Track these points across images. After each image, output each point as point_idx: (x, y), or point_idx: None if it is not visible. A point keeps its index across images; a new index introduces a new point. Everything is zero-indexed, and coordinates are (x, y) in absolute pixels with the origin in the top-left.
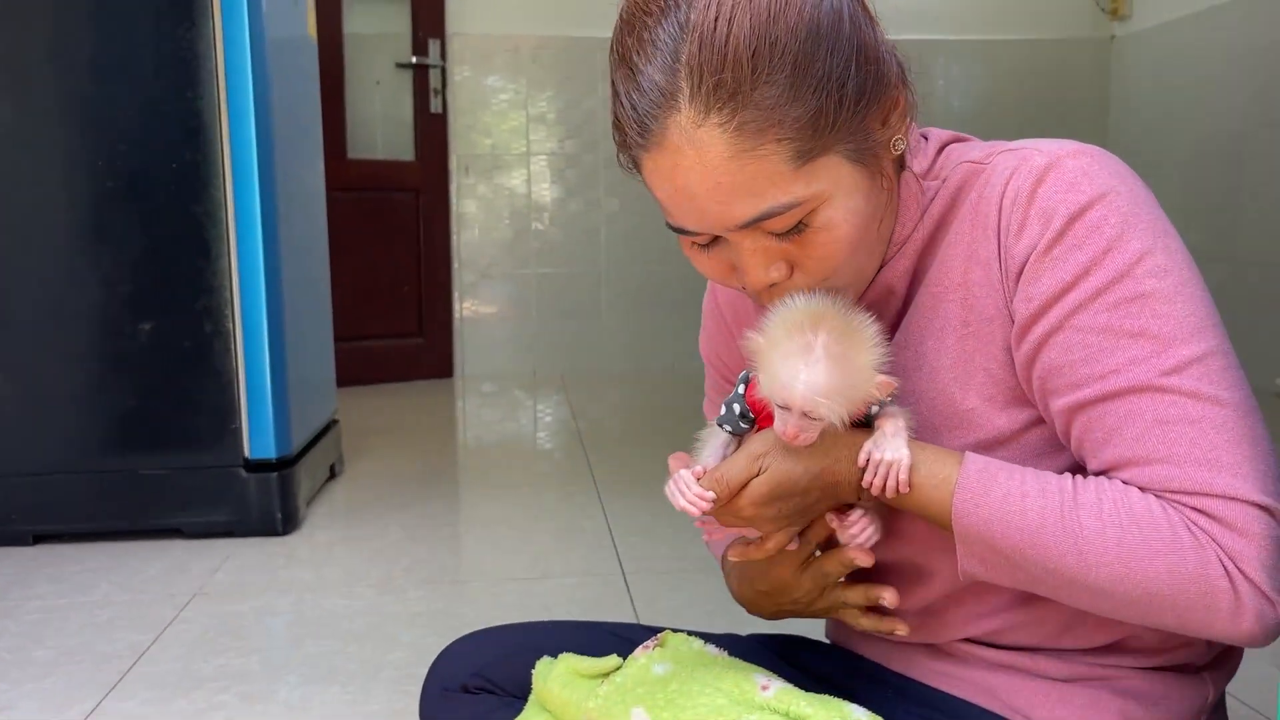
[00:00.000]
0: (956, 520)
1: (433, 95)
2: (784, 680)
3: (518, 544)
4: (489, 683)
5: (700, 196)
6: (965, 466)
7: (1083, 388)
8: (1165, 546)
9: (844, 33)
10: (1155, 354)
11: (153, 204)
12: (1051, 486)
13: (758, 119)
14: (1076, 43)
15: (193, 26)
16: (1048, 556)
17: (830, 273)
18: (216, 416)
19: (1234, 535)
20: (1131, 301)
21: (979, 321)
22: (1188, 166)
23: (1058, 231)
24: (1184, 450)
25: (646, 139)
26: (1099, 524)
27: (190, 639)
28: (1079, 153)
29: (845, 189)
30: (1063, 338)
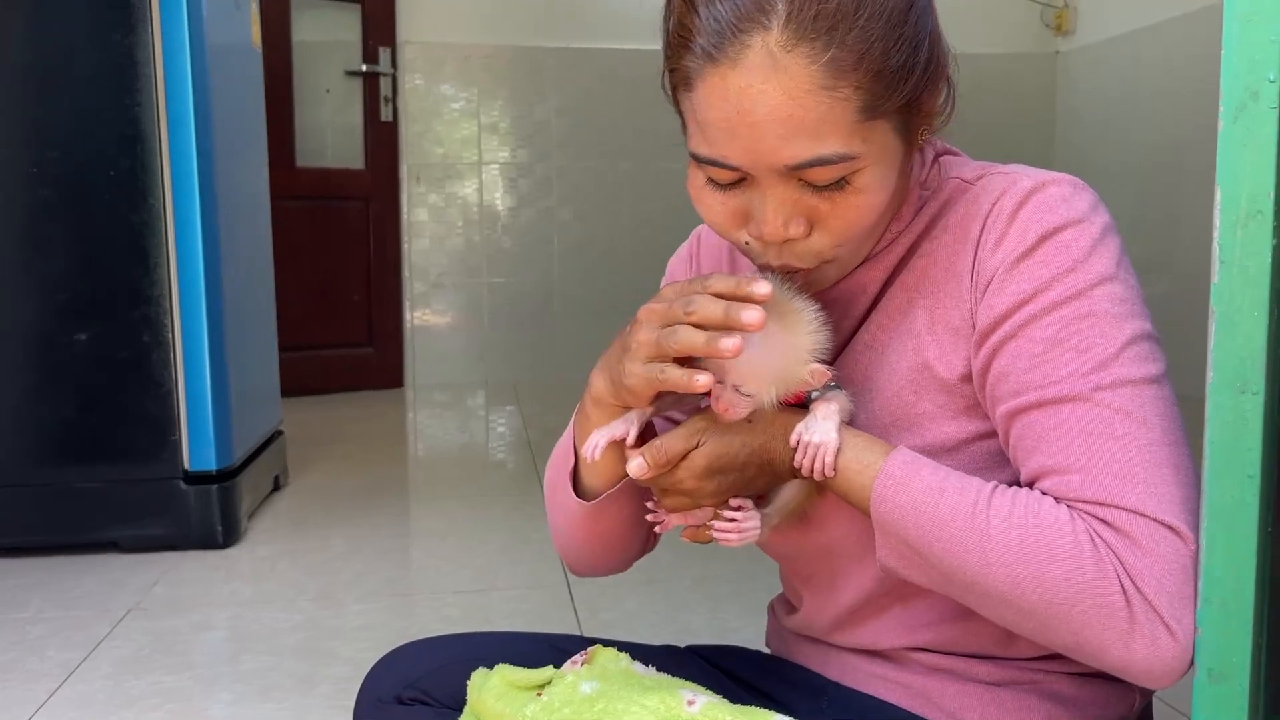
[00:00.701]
0: (874, 506)
1: (383, 103)
2: (712, 694)
3: (464, 556)
4: (424, 694)
5: (762, 125)
6: (892, 455)
7: (1022, 394)
8: (1064, 553)
9: (928, 7)
10: (1094, 370)
11: (89, 212)
12: (971, 486)
13: (846, 59)
14: (1023, 58)
15: (131, 32)
16: (953, 552)
17: (848, 240)
18: (155, 428)
19: (1137, 551)
20: (1083, 319)
21: (944, 330)
22: (1130, 179)
23: (1028, 247)
24: (1102, 462)
25: (720, 52)
26: (1005, 525)
27: (123, 656)
28: (1064, 181)
29: (888, 158)
30: (1014, 345)
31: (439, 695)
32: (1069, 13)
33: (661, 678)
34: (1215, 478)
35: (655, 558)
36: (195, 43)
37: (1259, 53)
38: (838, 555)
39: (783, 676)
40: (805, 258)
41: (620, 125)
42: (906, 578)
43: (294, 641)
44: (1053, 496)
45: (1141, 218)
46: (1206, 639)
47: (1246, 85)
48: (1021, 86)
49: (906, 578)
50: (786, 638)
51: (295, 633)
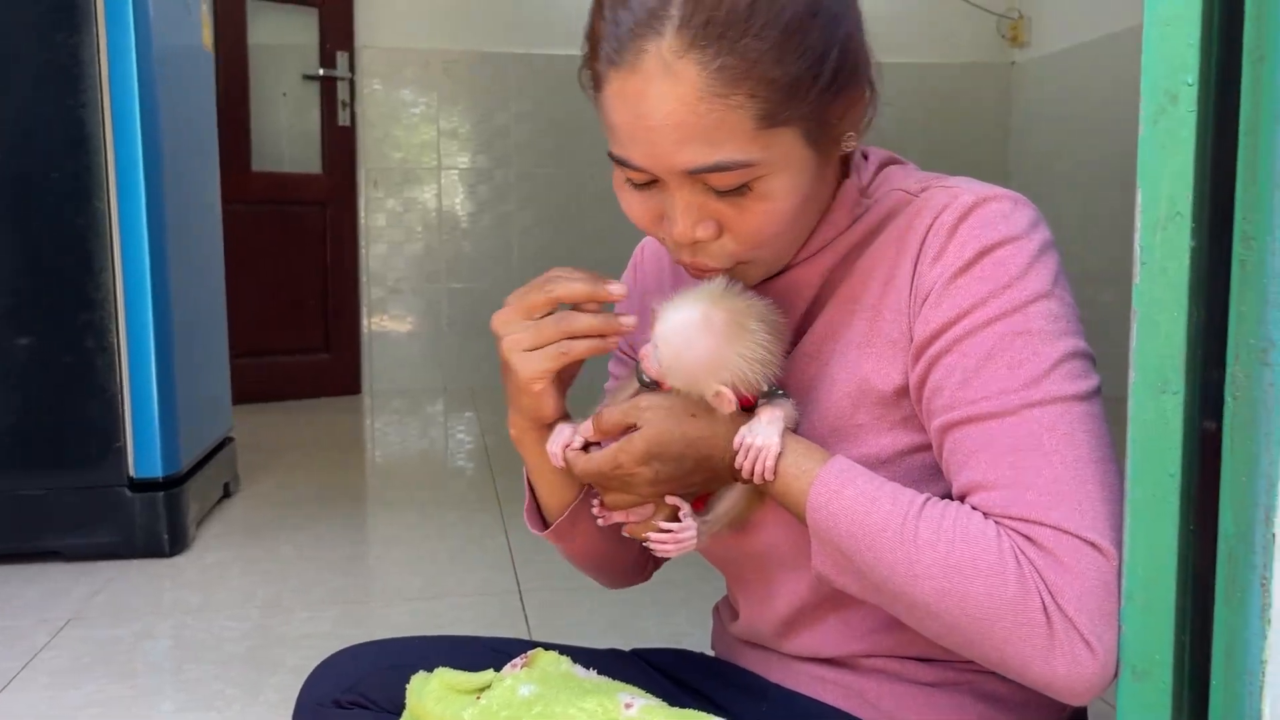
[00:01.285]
0: (809, 513)
1: (341, 108)
2: (651, 697)
3: (415, 563)
4: (363, 698)
5: (658, 130)
6: (829, 463)
7: (955, 409)
8: (988, 568)
9: (839, 15)
10: (1025, 386)
11: (32, 215)
12: (904, 497)
13: (738, 67)
14: (978, 68)
15: (75, 33)
16: (882, 562)
17: (757, 244)
18: (99, 434)
19: (1059, 569)
20: (1017, 335)
21: (883, 343)
22: (1083, 189)
23: (966, 262)
24: (1027, 479)
25: (621, 56)
26: (933, 538)
27: (61, 666)
28: (1005, 197)
29: (795, 165)
30: (949, 360)
31: (378, 699)
32: (1024, 24)
33: (601, 681)
34: (1137, 476)
35: None
36: (141, 43)
37: (1177, 57)
38: (774, 563)
39: (725, 679)
40: (718, 258)
41: (581, 131)
42: (840, 586)
43: (240, 650)
44: (981, 512)
45: (1093, 227)
46: (1129, 637)
47: (1165, 89)
48: (977, 97)
49: (840, 586)
50: (730, 641)
51: (241, 641)
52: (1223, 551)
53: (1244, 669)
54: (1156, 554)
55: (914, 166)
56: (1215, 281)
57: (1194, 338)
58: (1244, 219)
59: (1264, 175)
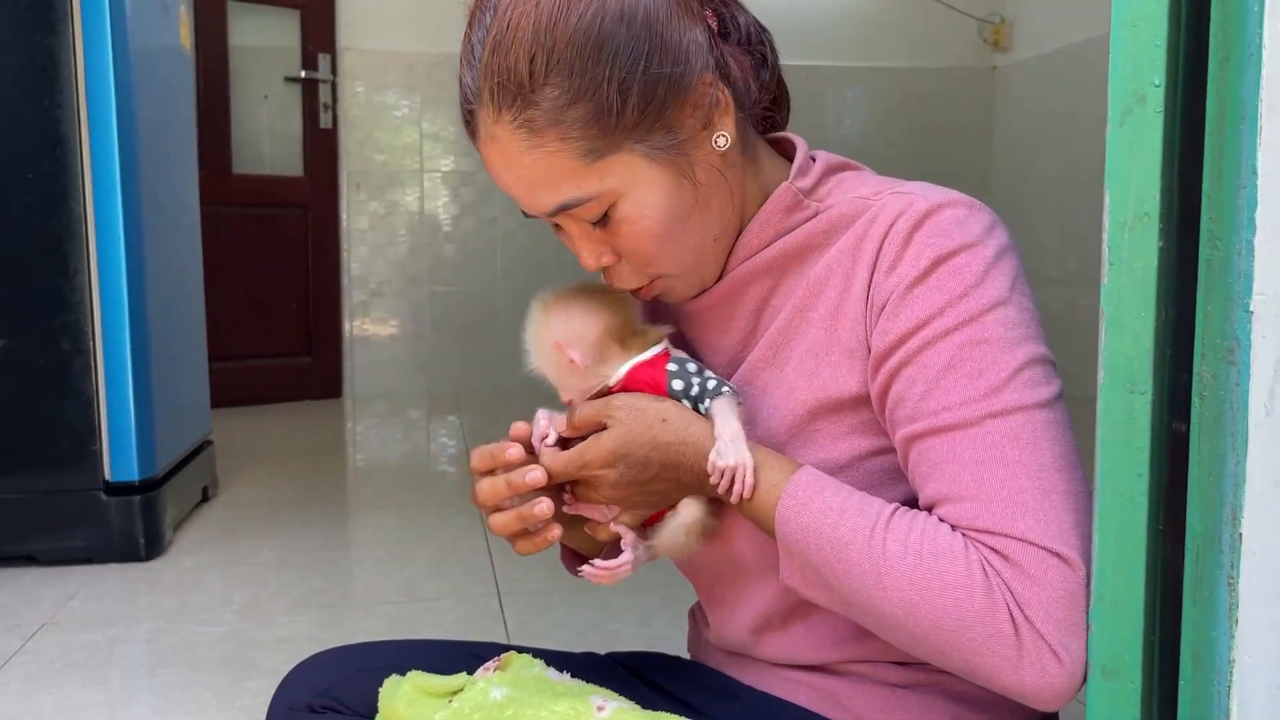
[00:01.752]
0: (777, 526)
1: (322, 110)
2: (624, 700)
3: (393, 567)
4: (336, 702)
5: (509, 184)
6: (796, 475)
7: (917, 420)
8: (956, 581)
9: (629, 34)
10: (986, 396)
11: (6, 216)
12: (871, 508)
13: (540, 118)
14: (960, 72)
15: (51, 33)
16: (851, 575)
17: (645, 263)
18: (74, 437)
19: (1025, 580)
20: (976, 345)
21: (840, 352)
22: (1065, 192)
23: (922, 271)
24: (992, 490)
25: (471, 130)
26: (901, 550)
27: (33, 671)
28: (959, 203)
29: (643, 185)
30: (909, 371)
31: (351, 703)
32: (1006, 28)
33: (574, 684)
34: (1106, 476)
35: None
36: (118, 44)
37: (1145, 58)
38: (741, 572)
39: (698, 682)
40: (629, 279)
41: None
42: (809, 598)
43: (216, 654)
44: (949, 524)
45: (1074, 231)
46: (1098, 636)
47: (1133, 90)
48: (959, 101)
49: (809, 598)
50: (705, 644)
51: (217, 645)
52: (1190, 551)
53: (1212, 668)
54: (1125, 554)
55: (869, 172)
56: (1183, 282)
57: (1162, 338)
58: (1210, 219)
59: (1229, 176)
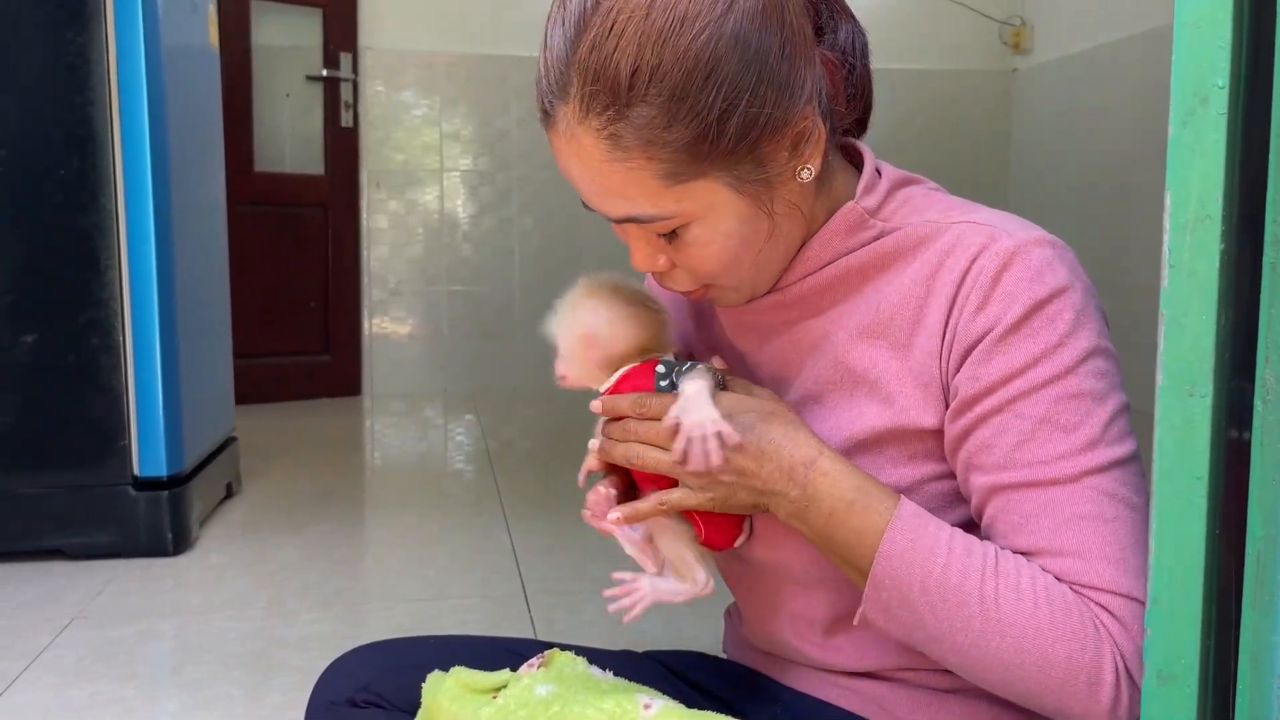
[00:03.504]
0: (881, 560)
1: (343, 109)
2: (669, 699)
3: (417, 565)
4: (377, 696)
5: (580, 182)
6: (902, 506)
7: (1009, 470)
8: (1071, 633)
9: (740, 63)
10: (1083, 451)
11: (38, 213)
12: (976, 549)
13: (630, 135)
14: (980, 74)
15: (84, 31)
16: (958, 615)
17: (704, 279)
18: (103, 433)
19: (1128, 635)
20: (1071, 398)
21: (914, 384)
22: (1084, 195)
23: (1017, 318)
24: (1096, 547)
25: (546, 119)
26: (1014, 596)
27: (65, 666)
28: (1044, 242)
29: (720, 213)
30: (1000, 420)
31: (392, 698)
32: (1026, 31)
33: (618, 682)
34: (1164, 480)
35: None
36: (150, 42)
37: (1208, 59)
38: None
39: (738, 682)
40: (681, 284)
41: None
42: (884, 632)
43: (242, 651)
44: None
45: (1094, 234)
46: (1155, 641)
47: (1196, 91)
48: (978, 103)
49: (884, 632)
50: (742, 643)
51: (244, 642)
52: (1250, 554)
53: (1271, 673)
54: (1183, 558)
55: (933, 185)
56: (1245, 284)
57: (1222, 341)
58: (1274, 221)
59: None
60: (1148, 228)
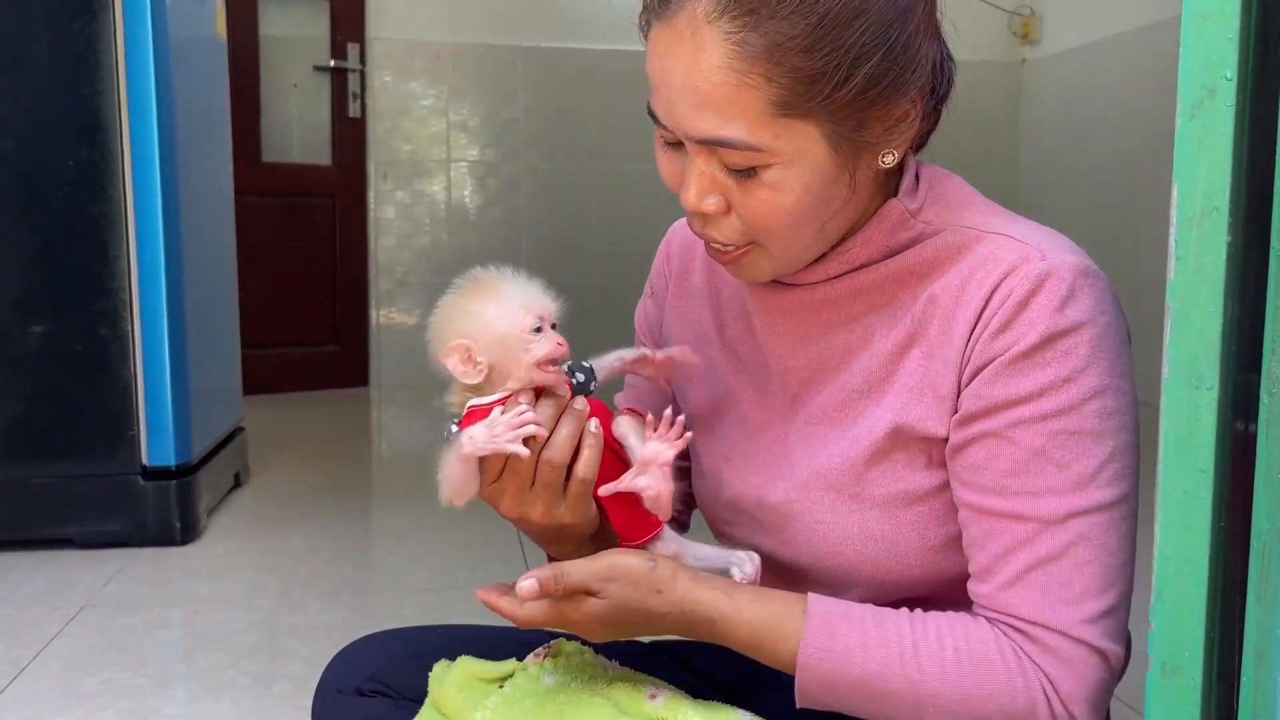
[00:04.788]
0: (800, 672)
1: (351, 100)
2: (675, 688)
3: (424, 555)
4: (384, 685)
5: (676, 89)
6: (809, 619)
7: (996, 496)
8: (998, 689)
9: (888, 19)
10: (1072, 490)
11: (47, 203)
12: (892, 633)
13: (760, 46)
14: (989, 65)
15: (92, 21)
16: (886, 703)
17: (760, 233)
18: (112, 422)
19: (1073, 676)
20: (1070, 435)
21: (935, 396)
22: (1093, 186)
23: (1031, 346)
24: (1058, 588)
25: (663, 9)
26: (938, 669)
27: (74, 654)
28: (1076, 270)
29: (808, 163)
30: (995, 444)
31: (400, 687)
32: (1035, 21)
33: (625, 671)
34: (1169, 473)
35: None
36: (158, 32)
37: (1216, 51)
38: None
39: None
40: (725, 234)
41: (589, 125)
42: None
43: (251, 640)
44: (996, 609)
45: (1102, 225)
46: (1159, 633)
47: (1204, 83)
48: (987, 94)
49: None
50: None
51: (252, 631)
52: (1255, 548)
53: (1275, 666)
54: (1188, 551)
55: (960, 180)
56: (1251, 278)
57: (1228, 334)
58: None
59: None
60: (1156, 219)
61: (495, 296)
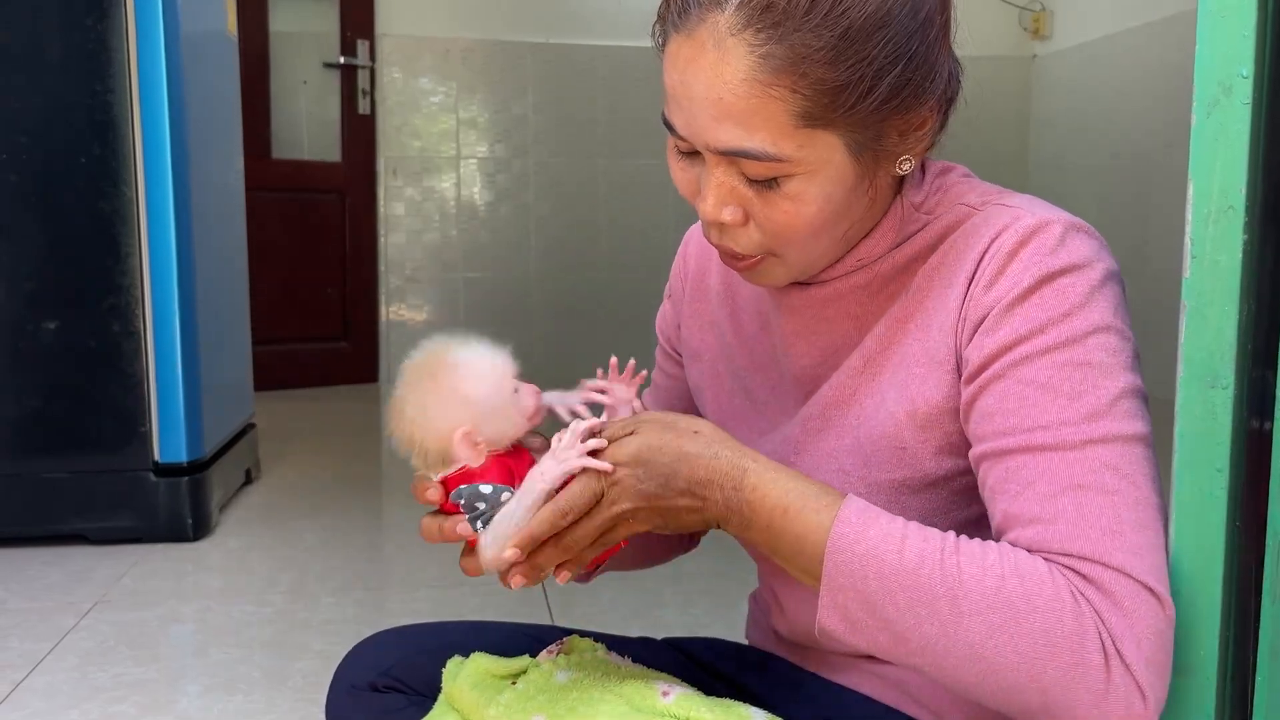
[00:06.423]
0: (829, 556)
1: (360, 96)
2: (687, 686)
3: (435, 551)
4: (398, 681)
5: (698, 101)
6: (848, 501)
7: (1009, 435)
8: (1045, 604)
9: (909, 30)
10: (1086, 420)
11: (59, 199)
12: (934, 533)
13: (785, 59)
14: (1000, 60)
15: (104, 18)
16: (920, 600)
17: (779, 244)
18: (124, 418)
19: (1118, 611)
20: (1076, 366)
21: (930, 363)
22: (1103, 181)
23: (1025, 289)
24: (1091, 517)
25: (683, 21)
26: (979, 571)
27: (89, 648)
28: (1066, 222)
29: (831, 173)
30: (1002, 386)
31: (413, 683)
32: (1046, 17)
33: (637, 668)
34: (1184, 471)
35: None
36: (170, 28)
37: (1232, 48)
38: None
39: (759, 669)
40: (743, 245)
41: (598, 122)
42: (847, 642)
43: (264, 634)
44: (1029, 548)
45: (1113, 220)
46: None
47: (1220, 80)
48: (998, 90)
49: (847, 642)
50: (767, 630)
51: (265, 626)
52: (1271, 547)
53: None
54: (1203, 549)
55: (965, 171)
56: (1267, 275)
57: (1244, 332)
58: None
59: None
60: (1168, 214)
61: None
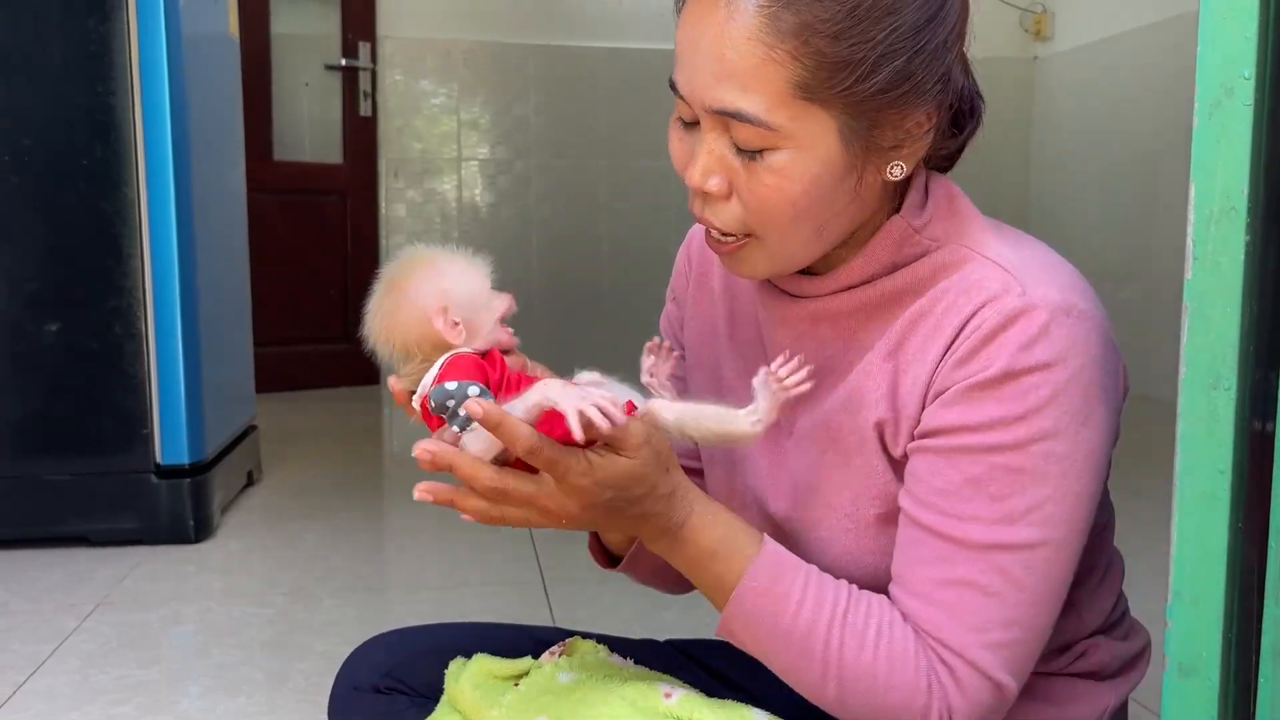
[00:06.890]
0: (735, 600)
1: (362, 98)
2: (689, 687)
3: (437, 552)
4: (400, 683)
5: (702, 55)
6: (762, 552)
7: (927, 509)
8: (904, 683)
9: (917, 24)
10: (999, 522)
11: (61, 201)
12: (829, 597)
13: (792, 24)
14: (1001, 62)
15: (105, 19)
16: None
17: (759, 222)
18: (126, 420)
19: (964, 699)
20: (1011, 471)
21: (901, 417)
22: (1105, 184)
23: (989, 379)
24: (963, 614)
25: None
26: (857, 646)
27: (90, 650)
28: (1054, 308)
29: (818, 153)
30: (936, 460)
31: (416, 684)
32: (1047, 18)
33: (640, 670)
34: (1187, 472)
35: None
36: (171, 30)
37: (1234, 49)
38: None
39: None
40: (724, 220)
41: (600, 124)
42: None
43: (265, 636)
44: (905, 614)
45: (1115, 222)
46: (1177, 633)
47: (1221, 82)
48: (999, 91)
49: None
50: None
51: (267, 627)
52: (1273, 547)
53: None
54: (1205, 550)
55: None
56: (1269, 277)
57: (1246, 333)
58: None
59: None
60: (1170, 216)
61: (454, 261)
